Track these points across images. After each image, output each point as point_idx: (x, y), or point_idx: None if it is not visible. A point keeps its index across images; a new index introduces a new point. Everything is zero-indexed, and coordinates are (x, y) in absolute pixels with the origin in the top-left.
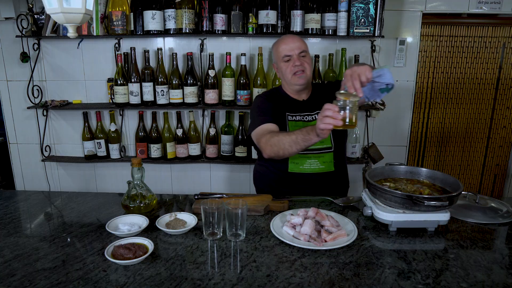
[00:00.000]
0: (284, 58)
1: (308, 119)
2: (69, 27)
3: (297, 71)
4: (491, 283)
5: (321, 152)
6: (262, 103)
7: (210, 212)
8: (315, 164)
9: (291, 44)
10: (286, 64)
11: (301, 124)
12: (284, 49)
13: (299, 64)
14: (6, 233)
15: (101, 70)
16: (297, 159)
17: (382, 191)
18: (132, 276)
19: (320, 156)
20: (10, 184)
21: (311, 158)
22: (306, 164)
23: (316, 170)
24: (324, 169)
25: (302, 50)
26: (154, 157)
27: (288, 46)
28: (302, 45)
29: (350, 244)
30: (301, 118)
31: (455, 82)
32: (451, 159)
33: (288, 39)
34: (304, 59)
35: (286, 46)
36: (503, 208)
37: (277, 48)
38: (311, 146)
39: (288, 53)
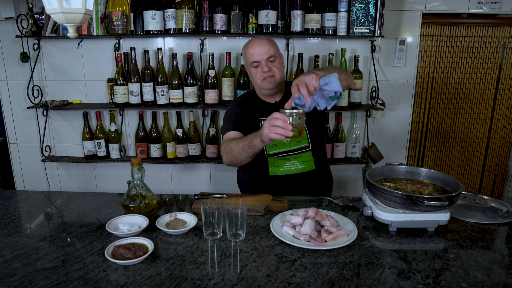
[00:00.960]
0: (252, 64)
1: None
2: (69, 27)
3: (266, 77)
4: (491, 283)
5: (299, 152)
6: (230, 111)
7: (210, 212)
8: (295, 165)
9: (258, 49)
10: (255, 70)
11: None
12: (251, 55)
13: (267, 70)
14: (6, 233)
15: (101, 70)
16: (276, 162)
17: (382, 191)
18: (132, 276)
19: (299, 156)
20: (10, 184)
21: (290, 159)
22: (286, 166)
23: (297, 171)
24: (305, 169)
25: (270, 54)
26: (154, 157)
27: (256, 51)
28: (271, 49)
29: (350, 244)
30: None
31: (455, 82)
32: (451, 159)
33: (255, 43)
34: (273, 63)
35: (253, 51)
36: (503, 208)
37: (245, 53)
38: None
39: (256, 59)
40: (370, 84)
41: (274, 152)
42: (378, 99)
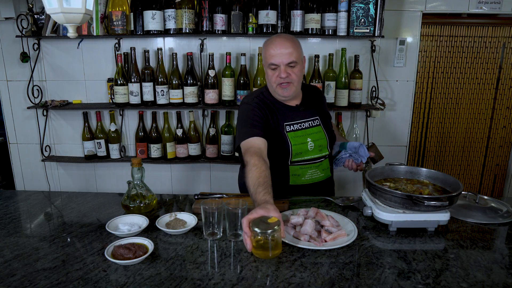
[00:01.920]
0: (270, 65)
1: (306, 125)
2: (69, 27)
3: (282, 82)
4: (491, 283)
5: (321, 160)
6: (249, 112)
7: (210, 212)
8: (316, 173)
9: (279, 51)
10: (272, 72)
11: (300, 133)
12: (271, 56)
13: (285, 76)
14: (6, 233)
15: (101, 70)
16: (298, 171)
17: (382, 191)
18: (132, 276)
19: (320, 164)
20: (10, 184)
21: (312, 168)
22: (308, 175)
23: (316, 179)
24: (324, 177)
25: (291, 60)
26: (154, 157)
27: (277, 54)
28: (293, 54)
29: (350, 244)
30: (299, 127)
31: (455, 82)
32: (451, 159)
33: (278, 44)
34: (293, 70)
35: (274, 52)
36: (503, 208)
37: (265, 52)
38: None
39: (275, 62)
40: (370, 84)
41: (298, 160)
42: (378, 99)
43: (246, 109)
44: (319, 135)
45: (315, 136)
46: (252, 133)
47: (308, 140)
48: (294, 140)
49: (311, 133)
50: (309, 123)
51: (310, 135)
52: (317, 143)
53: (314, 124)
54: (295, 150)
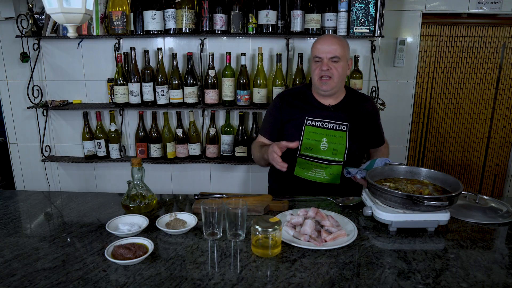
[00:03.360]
0: (315, 58)
1: (329, 126)
2: (69, 27)
3: (323, 75)
4: (491, 283)
5: (331, 163)
6: (271, 109)
7: (210, 212)
8: (320, 174)
9: (325, 46)
10: (315, 65)
11: (319, 131)
12: (316, 50)
13: (326, 69)
14: (6, 233)
15: (101, 70)
16: (303, 165)
17: (382, 191)
18: (132, 276)
19: (328, 167)
20: (10, 184)
21: (319, 167)
22: (311, 172)
23: (320, 180)
24: (329, 181)
25: (334, 55)
26: (154, 157)
27: (322, 48)
28: (338, 50)
29: (350, 244)
30: (321, 125)
31: (455, 82)
32: (451, 159)
33: (325, 39)
34: (335, 64)
35: (320, 46)
36: (503, 208)
37: (313, 46)
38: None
39: (319, 55)
40: (370, 84)
41: (306, 154)
42: (378, 99)
43: (272, 102)
44: (338, 139)
45: (333, 139)
46: (263, 131)
47: (323, 140)
48: (308, 135)
49: (330, 135)
50: (333, 125)
51: (328, 136)
52: (332, 146)
53: (339, 128)
54: (306, 143)
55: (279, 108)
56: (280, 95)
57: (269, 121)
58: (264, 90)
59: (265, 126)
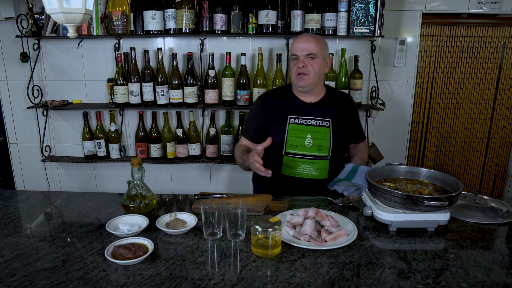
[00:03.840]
0: (292, 56)
1: (312, 123)
2: (69, 27)
3: (300, 72)
4: (491, 283)
5: (317, 159)
6: (252, 111)
7: (210, 212)
8: (308, 170)
9: (302, 44)
10: (292, 63)
11: (303, 128)
12: (293, 48)
13: (302, 66)
14: (6, 233)
15: (101, 70)
16: (290, 163)
17: (382, 191)
18: (132, 276)
19: (315, 162)
20: (10, 184)
21: (305, 163)
22: (299, 169)
23: (309, 176)
24: (318, 176)
25: (310, 52)
26: (154, 157)
27: (298, 46)
28: (314, 47)
29: (350, 244)
30: (304, 122)
31: (455, 82)
32: (451, 159)
33: (302, 38)
34: (311, 61)
35: (296, 45)
36: (503, 208)
37: (291, 45)
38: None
39: (296, 53)
40: (370, 84)
41: (292, 152)
42: (378, 99)
43: (254, 104)
44: (322, 135)
45: (317, 135)
46: (246, 134)
47: (307, 136)
48: (292, 132)
49: (314, 131)
50: (316, 121)
51: (312, 132)
52: (317, 141)
53: (322, 124)
54: (290, 141)
55: (261, 109)
56: (261, 97)
57: (251, 123)
58: (264, 90)
59: (247, 127)
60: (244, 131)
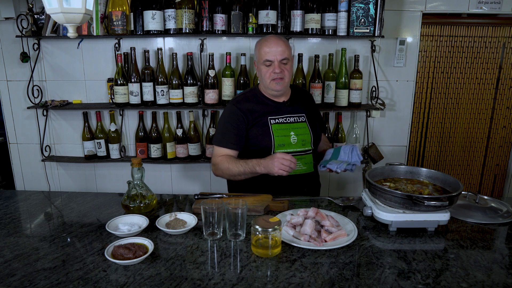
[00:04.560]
0: (265, 62)
1: (291, 120)
2: (69, 27)
3: (276, 78)
4: (491, 283)
5: (303, 153)
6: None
7: (210, 212)
8: (299, 166)
9: (274, 48)
10: (266, 69)
11: (285, 126)
12: (266, 53)
13: (279, 72)
14: (6, 233)
15: (101, 70)
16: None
17: (382, 191)
18: (132, 276)
19: (303, 157)
20: (10, 184)
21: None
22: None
23: (300, 171)
24: (306, 170)
25: (284, 57)
26: (154, 157)
27: (271, 51)
28: (286, 51)
29: (350, 244)
30: (284, 120)
31: (455, 82)
32: (451, 159)
33: (272, 42)
34: (285, 66)
35: (268, 49)
36: (503, 208)
37: (260, 50)
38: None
39: (270, 58)
40: (370, 84)
41: (281, 151)
42: (378, 99)
43: (228, 111)
44: (303, 130)
45: (299, 131)
46: (226, 143)
47: (291, 134)
48: (277, 132)
49: (295, 128)
50: (294, 118)
51: (294, 129)
52: (300, 137)
53: (299, 120)
54: (278, 141)
55: (238, 115)
56: (234, 103)
57: (230, 131)
58: None
59: (228, 138)
60: (223, 141)
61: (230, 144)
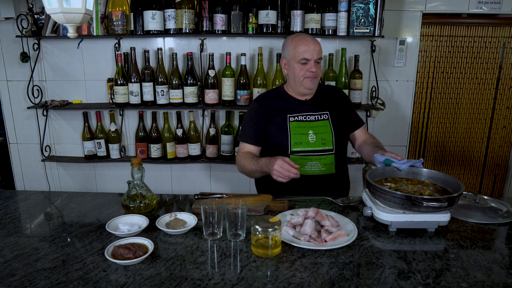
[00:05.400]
0: (301, 60)
1: (311, 118)
2: (69, 27)
3: (310, 76)
4: (491, 283)
5: (323, 154)
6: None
7: (210, 212)
8: (316, 166)
9: (312, 47)
10: (301, 67)
11: (303, 125)
12: (304, 51)
13: (315, 71)
14: (6, 233)
15: (101, 70)
16: (297, 161)
17: (382, 192)
18: (132, 276)
19: (322, 158)
20: (10, 184)
21: (313, 160)
22: (307, 166)
23: (317, 172)
24: (325, 171)
25: (320, 56)
26: (154, 157)
27: (309, 49)
28: (321, 51)
29: (350, 244)
30: (304, 118)
31: (455, 82)
32: (451, 159)
33: (310, 41)
34: (318, 65)
35: (306, 48)
36: (503, 208)
37: (295, 47)
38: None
39: (307, 57)
40: (370, 84)
41: (298, 150)
42: (378, 99)
43: (250, 107)
44: (323, 129)
45: (319, 129)
46: (247, 139)
47: (309, 132)
48: (294, 130)
49: (315, 126)
50: (315, 116)
51: (313, 128)
52: (319, 136)
53: (320, 118)
54: (294, 139)
55: (259, 111)
56: (256, 100)
57: (250, 126)
58: (264, 90)
59: (247, 132)
60: (244, 136)
61: (249, 139)
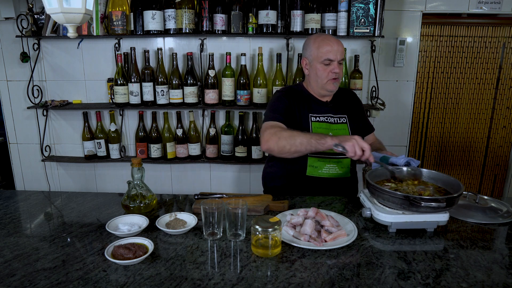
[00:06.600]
0: (325, 61)
1: (331, 120)
2: (69, 27)
3: (333, 77)
4: (491, 283)
5: (341, 157)
6: (277, 101)
7: (210, 212)
8: (334, 169)
9: (336, 47)
10: (324, 68)
11: (324, 126)
12: (328, 52)
13: (338, 72)
14: (6, 233)
15: (101, 70)
16: (315, 163)
17: (381, 192)
18: (132, 276)
19: (339, 161)
20: (10, 184)
21: (331, 162)
22: (325, 169)
23: (333, 175)
24: (341, 175)
25: (343, 57)
26: (154, 157)
27: (333, 50)
28: (344, 51)
29: (350, 244)
30: (325, 119)
31: (455, 82)
32: (451, 159)
33: (334, 41)
34: (341, 66)
35: (330, 48)
36: (503, 208)
37: (319, 47)
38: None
39: (331, 58)
40: (370, 84)
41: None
42: (378, 99)
43: (275, 96)
44: (342, 132)
45: (338, 132)
46: (275, 118)
47: (329, 134)
48: (316, 130)
49: (334, 129)
50: (335, 119)
51: (333, 130)
52: None
53: (340, 121)
54: None
55: (285, 99)
56: (281, 91)
57: (279, 106)
58: (264, 90)
59: (277, 111)
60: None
61: (280, 116)
